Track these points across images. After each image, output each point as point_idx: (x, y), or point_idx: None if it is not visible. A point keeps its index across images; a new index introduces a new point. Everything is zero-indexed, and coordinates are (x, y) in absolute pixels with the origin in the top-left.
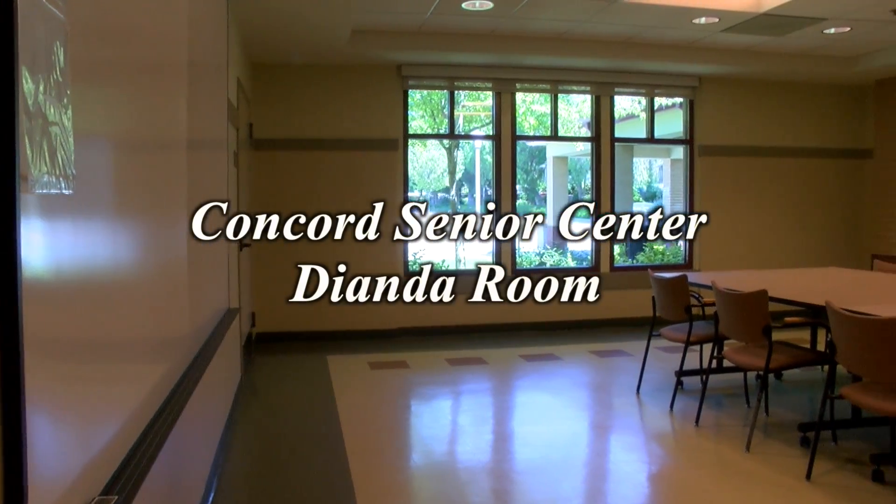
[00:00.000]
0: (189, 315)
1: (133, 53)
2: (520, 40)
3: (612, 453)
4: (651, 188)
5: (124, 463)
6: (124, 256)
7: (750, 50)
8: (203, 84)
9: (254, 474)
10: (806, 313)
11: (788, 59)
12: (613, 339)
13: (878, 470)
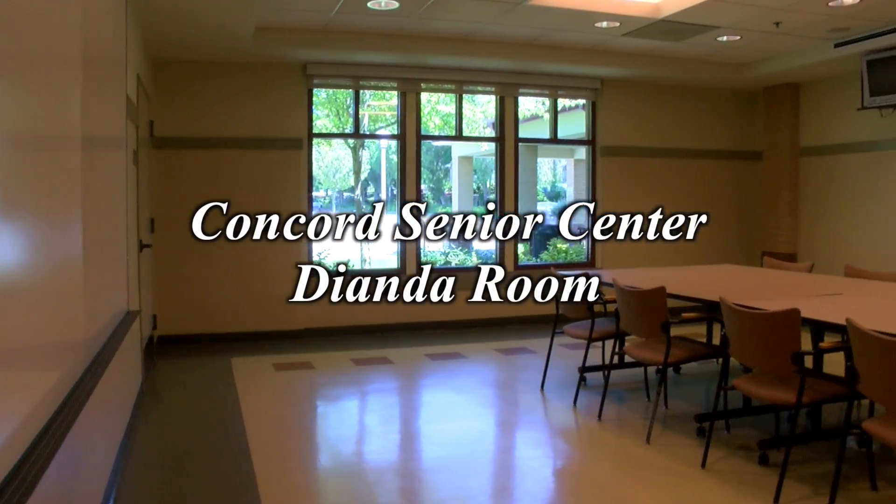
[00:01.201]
0: (84, 319)
1: (19, 45)
2: (425, 40)
3: (517, 449)
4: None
5: (9, 478)
6: (9, 259)
7: (649, 54)
8: (99, 79)
9: (155, 482)
10: (702, 309)
11: (685, 63)
12: (518, 337)
13: (764, 454)
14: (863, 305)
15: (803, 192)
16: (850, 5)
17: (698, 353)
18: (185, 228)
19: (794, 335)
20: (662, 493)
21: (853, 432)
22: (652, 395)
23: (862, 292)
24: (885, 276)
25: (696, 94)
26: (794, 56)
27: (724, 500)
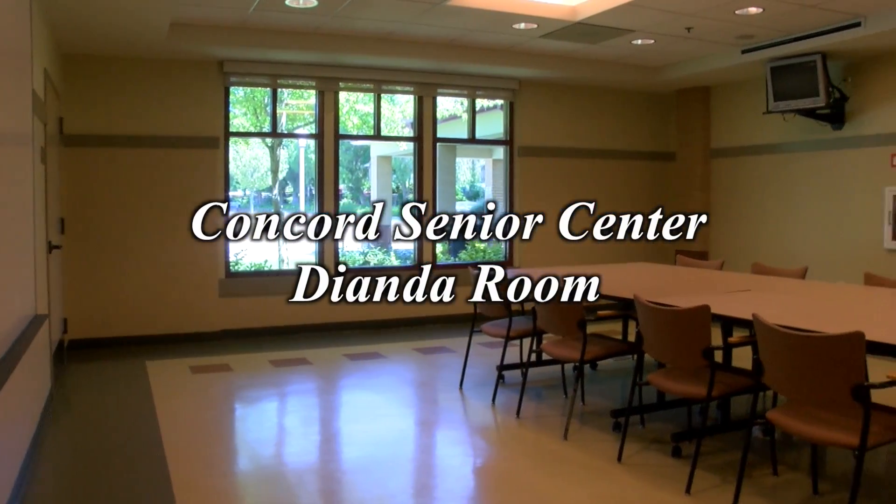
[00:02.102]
0: None
1: None
2: (344, 39)
3: (437, 448)
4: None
5: None
6: None
7: (566, 56)
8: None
9: (64, 490)
10: (617, 306)
11: (601, 66)
12: (436, 336)
13: (677, 447)
14: (768, 301)
15: (714, 192)
16: (754, 14)
17: (614, 349)
18: (98, 229)
19: (705, 331)
20: (579, 488)
21: (758, 422)
22: (569, 391)
23: (768, 289)
24: (789, 272)
25: (611, 95)
26: (705, 60)
27: (638, 493)
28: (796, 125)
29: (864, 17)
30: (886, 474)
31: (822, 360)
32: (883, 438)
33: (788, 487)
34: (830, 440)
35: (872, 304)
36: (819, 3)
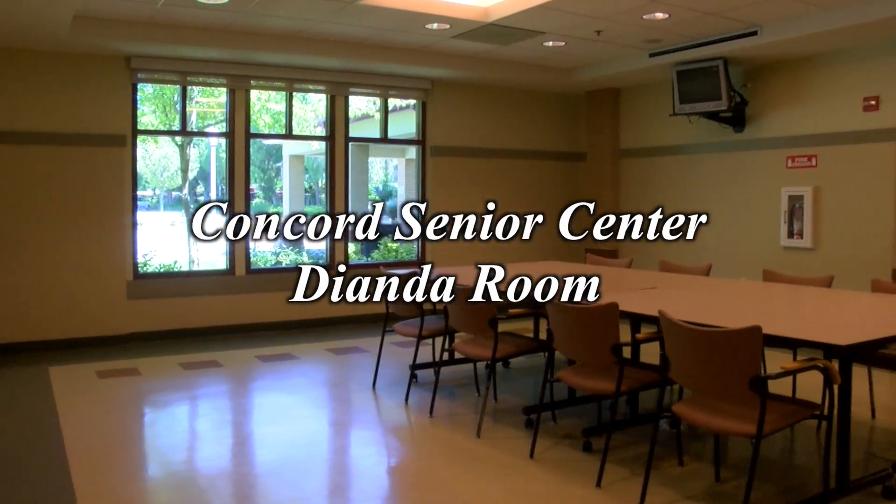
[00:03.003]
0: None
1: None
2: (255, 37)
3: (351, 449)
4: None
5: None
6: None
7: (479, 57)
8: None
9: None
10: (528, 305)
11: (513, 66)
12: (349, 337)
13: (587, 442)
14: (674, 298)
15: (623, 192)
16: (661, 20)
17: (525, 347)
18: None
19: (614, 328)
20: (492, 485)
21: (665, 415)
22: (481, 390)
23: (674, 286)
24: (694, 270)
25: (523, 96)
26: (614, 63)
27: (550, 488)
28: (701, 127)
29: (761, 26)
30: (781, 459)
31: (723, 354)
32: (778, 426)
33: (693, 477)
34: (730, 430)
35: (770, 299)
36: (720, 11)
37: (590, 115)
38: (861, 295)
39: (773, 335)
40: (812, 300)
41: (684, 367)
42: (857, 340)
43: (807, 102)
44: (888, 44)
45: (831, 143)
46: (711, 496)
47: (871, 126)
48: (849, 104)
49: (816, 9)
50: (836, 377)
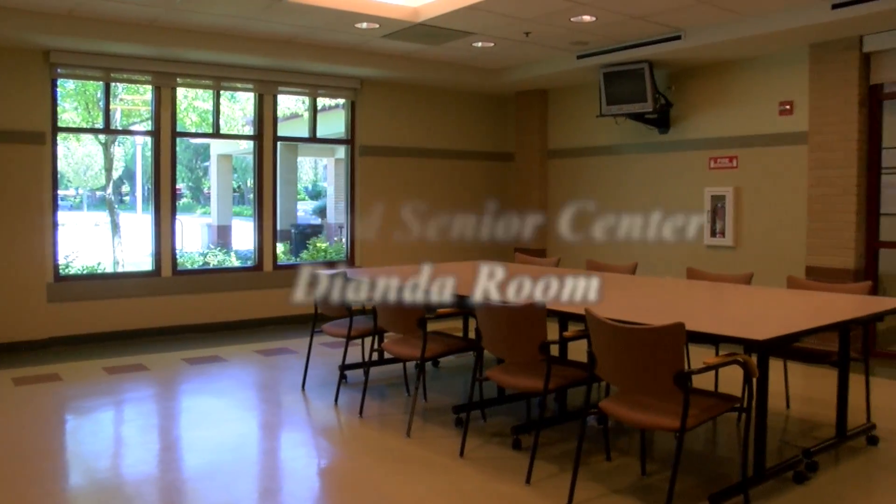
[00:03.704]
0: None
1: None
2: (182, 33)
3: (281, 451)
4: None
5: None
6: None
7: (408, 56)
8: None
9: None
10: (457, 304)
11: (443, 67)
12: (278, 338)
13: (517, 439)
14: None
15: (551, 192)
16: (588, 22)
17: (454, 347)
18: None
19: (541, 326)
20: (422, 484)
21: (592, 412)
22: (411, 389)
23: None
24: (620, 268)
25: (453, 96)
26: (543, 64)
27: (480, 486)
28: (627, 128)
29: (684, 30)
30: (704, 451)
31: (648, 351)
32: (700, 419)
33: (620, 471)
34: (655, 425)
35: (693, 296)
36: (645, 15)
37: (518, 115)
38: (778, 291)
39: (696, 331)
40: (733, 297)
41: (610, 364)
42: (774, 335)
43: (728, 105)
44: (800, 52)
45: (750, 145)
46: (638, 489)
47: (786, 129)
48: (766, 108)
49: (735, 16)
50: (754, 371)
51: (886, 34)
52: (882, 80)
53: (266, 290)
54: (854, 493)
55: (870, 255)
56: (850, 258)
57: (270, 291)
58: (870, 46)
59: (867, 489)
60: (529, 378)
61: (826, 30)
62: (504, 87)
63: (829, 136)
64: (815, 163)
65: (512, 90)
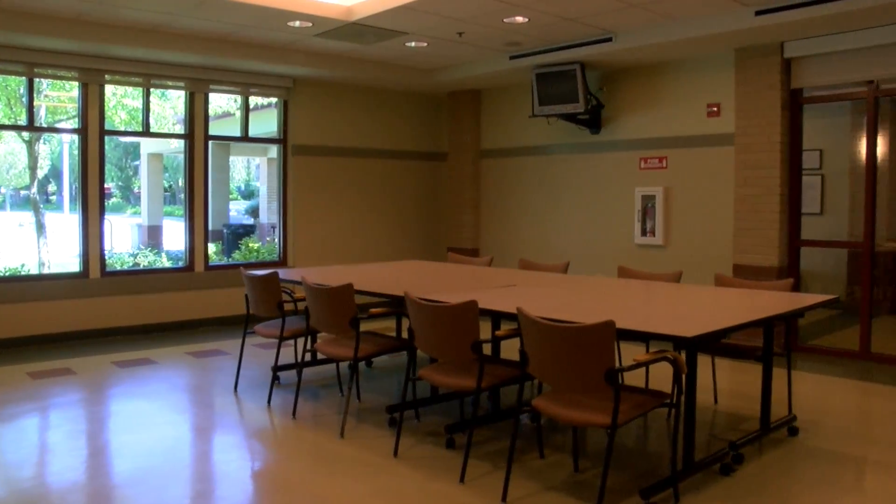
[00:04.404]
0: None
1: None
2: (110, 29)
3: (214, 454)
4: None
5: None
6: None
7: (342, 55)
8: None
9: None
10: (390, 304)
11: (377, 66)
12: (210, 339)
13: (451, 438)
14: (532, 295)
15: (484, 192)
16: (521, 23)
17: (387, 346)
18: None
19: (473, 325)
20: (356, 485)
21: (525, 410)
22: (344, 390)
23: (533, 283)
24: (552, 267)
25: (386, 96)
26: (476, 65)
27: (414, 485)
28: (559, 129)
29: (615, 33)
30: (636, 446)
31: (579, 349)
32: (631, 415)
33: (554, 468)
34: (587, 421)
35: (624, 294)
36: (577, 17)
37: (452, 115)
38: (706, 289)
39: (627, 329)
40: (662, 295)
41: (542, 362)
42: (702, 332)
43: (658, 107)
44: (726, 56)
45: (680, 146)
46: (571, 486)
47: (714, 131)
48: (695, 110)
49: (664, 20)
50: (682, 367)
51: (805, 41)
52: (802, 85)
53: (198, 290)
54: (775, 481)
55: (792, 253)
56: (774, 256)
57: (202, 292)
58: (790, 52)
59: (787, 477)
60: (462, 377)
61: (750, 35)
62: (437, 87)
63: (754, 137)
64: (742, 164)
65: (445, 90)
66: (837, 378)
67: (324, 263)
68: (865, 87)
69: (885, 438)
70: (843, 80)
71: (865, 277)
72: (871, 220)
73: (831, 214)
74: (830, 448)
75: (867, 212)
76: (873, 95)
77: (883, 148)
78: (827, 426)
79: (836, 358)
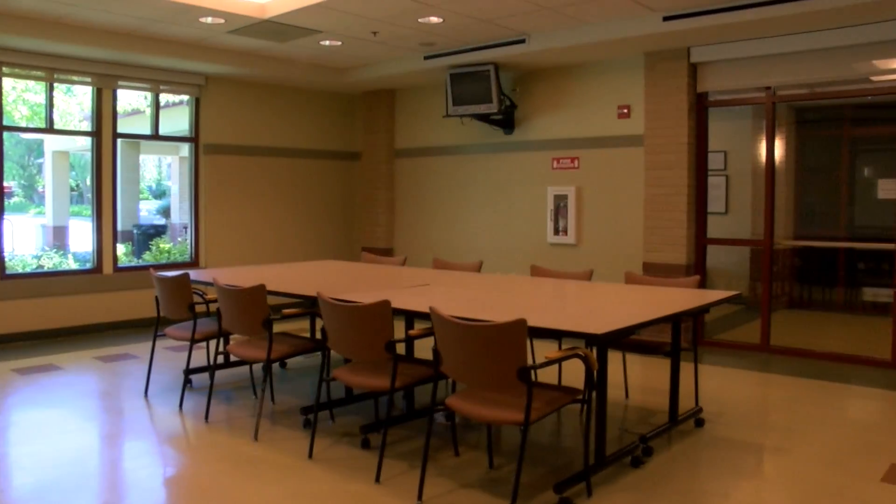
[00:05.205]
0: None
1: None
2: (8, 19)
3: (125, 461)
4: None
5: None
6: None
7: (255, 53)
8: None
9: None
10: (304, 304)
11: (290, 65)
12: (119, 343)
13: (366, 439)
14: (445, 294)
15: (398, 191)
16: (436, 24)
17: (300, 347)
18: None
19: (387, 325)
20: (271, 488)
21: (439, 409)
22: (258, 392)
23: (446, 283)
24: (465, 266)
25: (300, 94)
26: (390, 64)
27: (330, 486)
28: (473, 129)
29: (528, 35)
30: (550, 442)
31: (491, 347)
32: (543, 412)
33: (468, 466)
34: (500, 419)
35: (536, 293)
36: (491, 18)
37: (366, 115)
38: (616, 286)
39: (539, 327)
40: (574, 293)
41: (456, 361)
42: (611, 329)
43: (570, 108)
44: (636, 59)
45: (591, 146)
46: (486, 483)
47: (624, 132)
48: (606, 111)
49: (576, 22)
50: (593, 364)
51: (709, 47)
52: (707, 89)
53: (106, 293)
54: (683, 471)
55: (699, 251)
56: (682, 254)
57: (111, 294)
58: (697, 57)
59: (694, 466)
60: (376, 377)
61: (658, 40)
62: (352, 87)
63: (662, 139)
64: (651, 164)
65: (359, 89)
66: (741, 370)
67: (237, 264)
68: (764, 92)
69: (782, 425)
70: (744, 86)
71: (766, 274)
72: (770, 220)
73: (735, 214)
74: (733, 437)
75: (767, 212)
76: (771, 101)
77: (781, 151)
78: (730, 416)
79: (740, 351)
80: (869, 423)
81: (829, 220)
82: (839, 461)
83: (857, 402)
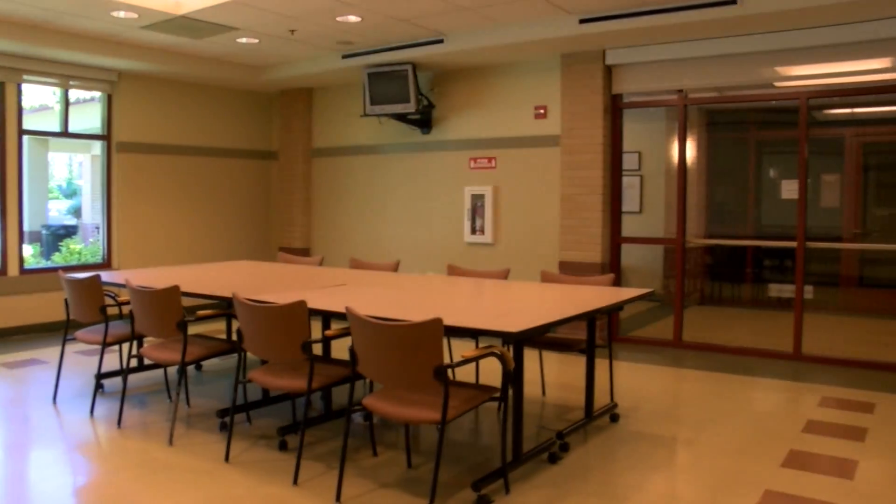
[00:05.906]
0: None
1: None
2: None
3: (30, 472)
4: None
5: None
6: None
7: (170, 49)
8: None
9: None
10: (219, 305)
11: (206, 62)
12: (26, 348)
13: (283, 441)
14: (362, 294)
15: (315, 191)
16: (354, 23)
17: (216, 349)
18: None
19: (303, 325)
20: (186, 494)
21: (356, 409)
22: (173, 395)
23: (363, 282)
24: (382, 266)
25: (216, 92)
26: (308, 63)
27: (247, 490)
28: (390, 128)
29: (446, 35)
30: (468, 440)
31: (407, 346)
32: (460, 410)
33: (387, 465)
34: (417, 418)
35: (453, 292)
36: (409, 18)
37: (283, 113)
38: (532, 285)
39: (455, 326)
40: (491, 292)
41: (372, 361)
42: (527, 327)
43: (487, 108)
44: (553, 61)
45: (508, 146)
46: (404, 482)
47: (541, 132)
48: (523, 112)
49: (493, 23)
50: (509, 362)
51: (624, 50)
52: (621, 91)
53: (11, 296)
54: (598, 466)
55: (614, 249)
56: (597, 253)
57: (17, 298)
58: (611, 60)
59: (609, 461)
60: (293, 378)
61: (574, 42)
62: (268, 85)
63: (578, 139)
64: (567, 164)
65: (276, 88)
66: (654, 366)
67: (151, 265)
68: (676, 95)
69: (692, 418)
70: (657, 88)
71: (678, 272)
72: (682, 219)
73: (649, 213)
74: (647, 431)
75: (679, 211)
76: (683, 103)
77: (692, 152)
78: (644, 411)
79: (653, 347)
80: (771, 412)
81: (737, 220)
82: (744, 449)
83: (762, 394)
